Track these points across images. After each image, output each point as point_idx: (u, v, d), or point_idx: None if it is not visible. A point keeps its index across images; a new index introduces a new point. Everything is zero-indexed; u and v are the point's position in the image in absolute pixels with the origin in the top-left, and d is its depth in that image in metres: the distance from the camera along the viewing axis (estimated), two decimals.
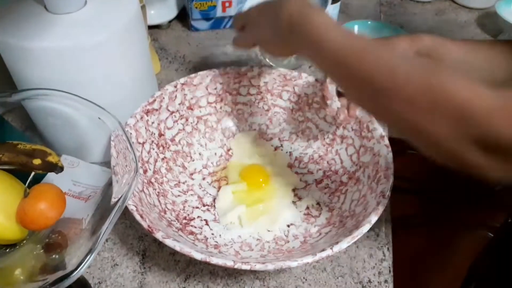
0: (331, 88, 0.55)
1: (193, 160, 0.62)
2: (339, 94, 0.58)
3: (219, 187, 0.60)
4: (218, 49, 0.91)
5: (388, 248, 0.56)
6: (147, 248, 0.55)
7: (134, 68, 0.63)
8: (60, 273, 0.39)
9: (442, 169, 0.81)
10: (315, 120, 0.64)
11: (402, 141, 0.75)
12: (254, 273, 0.53)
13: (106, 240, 0.57)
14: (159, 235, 0.44)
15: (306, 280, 0.53)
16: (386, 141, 0.55)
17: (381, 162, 0.53)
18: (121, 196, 0.46)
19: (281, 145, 0.66)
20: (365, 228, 0.46)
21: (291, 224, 0.56)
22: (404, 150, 0.79)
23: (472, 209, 0.86)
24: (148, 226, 0.45)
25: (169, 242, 0.44)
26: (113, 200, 0.47)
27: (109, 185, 0.55)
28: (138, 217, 0.46)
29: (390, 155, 0.53)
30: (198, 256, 0.42)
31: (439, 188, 0.85)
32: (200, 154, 0.63)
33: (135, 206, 0.47)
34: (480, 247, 0.94)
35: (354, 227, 0.48)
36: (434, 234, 0.96)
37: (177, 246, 0.43)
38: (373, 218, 0.47)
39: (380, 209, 0.48)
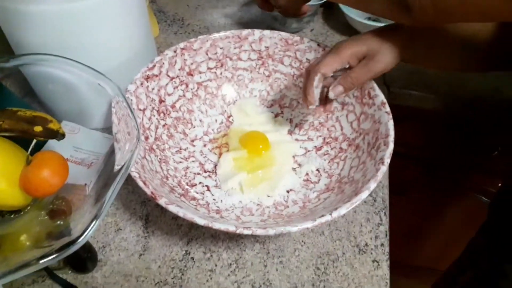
0: (316, 92, 0.54)
1: (194, 127, 0.62)
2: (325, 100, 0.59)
3: (220, 154, 0.61)
4: (218, 11, 0.89)
5: (385, 213, 0.58)
6: (150, 213, 0.57)
7: (133, 32, 0.62)
8: (66, 239, 0.41)
9: (440, 136, 0.82)
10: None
11: (402, 108, 0.75)
12: (254, 237, 0.55)
13: (110, 206, 0.58)
14: (162, 202, 0.45)
15: (304, 243, 0.55)
16: (387, 108, 0.55)
17: (381, 129, 0.54)
18: (124, 164, 0.46)
19: (282, 112, 0.66)
20: (364, 194, 0.47)
21: (291, 190, 0.57)
22: (404, 117, 0.79)
23: (468, 175, 0.88)
24: (151, 192, 0.45)
25: (172, 208, 0.44)
26: (116, 167, 0.47)
27: (111, 152, 0.56)
28: (141, 184, 0.46)
29: (391, 122, 0.53)
30: (201, 221, 0.43)
31: (437, 154, 0.85)
32: (200, 120, 0.63)
33: (138, 173, 0.47)
34: (475, 212, 0.96)
35: (353, 193, 0.48)
36: (430, 200, 0.97)
37: (180, 212, 0.44)
38: (372, 185, 0.48)
39: (379, 176, 0.48)
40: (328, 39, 0.82)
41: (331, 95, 0.53)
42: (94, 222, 0.42)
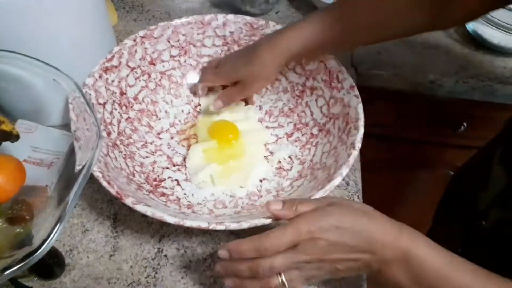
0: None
1: (159, 119, 0.60)
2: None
3: (189, 146, 0.58)
4: None
5: (358, 196, 0.58)
6: (118, 212, 0.54)
7: (88, 21, 0.58)
8: (28, 249, 0.38)
9: (408, 115, 0.82)
10: (284, 72, 0.62)
11: (370, 89, 0.75)
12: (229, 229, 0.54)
13: (74, 206, 0.55)
14: (128, 201, 0.43)
15: None
16: (356, 92, 0.54)
17: (351, 113, 0.53)
18: (85, 163, 0.44)
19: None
20: (337, 181, 0.46)
21: (264, 179, 0.56)
22: (372, 97, 0.79)
23: (437, 151, 0.89)
24: (117, 192, 0.43)
25: (139, 207, 0.42)
26: (78, 167, 0.45)
27: (72, 150, 0.53)
28: (105, 184, 0.44)
29: (360, 105, 0.53)
30: (171, 220, 0.42)
31: (406, 132, 0.87)
32: (166, 112, 0.61)
33: (101, 172, 0.45)
34: (442, 185, 0.98)
35: (326, 180, 0.48)
36: (401, 176, 0.99)
37: (149, 211, 0.42)
38: (344, 171, 0.47)
39: (351, 161, 0.48)
40: (294, 21, 0.80)
41: (211, 108, 0.60)
42: (58, 226, 0.39)
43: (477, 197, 0.52)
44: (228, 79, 0.60)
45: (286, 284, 0.39)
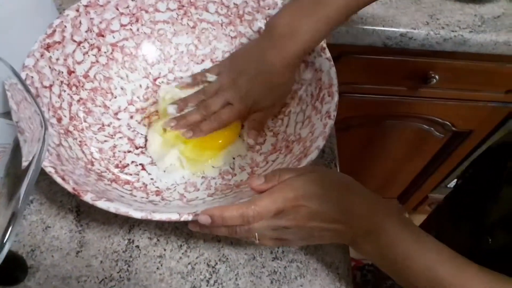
0: None
1: (115, 97, 0.54)
2: None
3: (151, 125, 0.54)
4: None
5: (335, 163, 0.55)
6: (81, 203, 0.50)
7: None
8: None
9: (379, 70, 0.80)
10: (249, 35, 0.57)
11: (339, 46, 0.71)
12: None
13: (31, 201, 0.50)
14: (88, 198, 0.39)
15: None
16: (328, 54, 0.50)
17: (323, 79, 0.49)
18: (33, 158, 0.39)
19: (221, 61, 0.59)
20: (314, 154, 0.44)
21: (237, 156, 0.52)
22: (341, 55, 0.75)
23: (409, 104, 0.88)
24: (73, 188, 0.39)
25: (101, 204, 0.38)
26: (25, 163, 0.40)
27: (18, 142, 0.47)
28: (59, 180, 0.39)
29: (333, 69, 0.49)
30: (137, 214, 0.38)
31: (377, 88, 0.84)
32: (122, 88, 0.55)
33: (54, 167, 0.40)
34: (417, 139, 0.98)
35: (302, 154, 0.45)
36: (373, 131, 0.98)
37: (111, 207, 0.38)
38: (321, 143, 0.44)
39: (327, 131, 0.45)
40: None
41: (251, 142, 0.52)
42: (10, 228, 0.35)
43: (486, 209, 0.51)
44: (247, 112, 0.53)
45: (257, 241, 0.39)
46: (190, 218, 0.38)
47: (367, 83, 0.83)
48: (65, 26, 0.49)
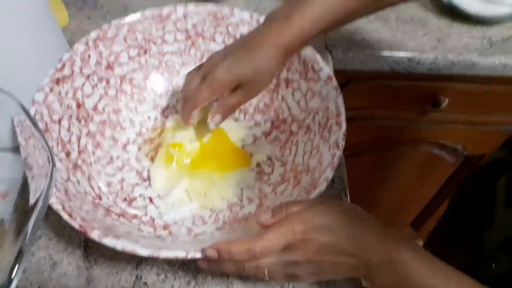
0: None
1: (123, 129, 0.54)
2: None
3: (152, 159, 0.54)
4: None
5: (345, 193, 0.54)
6: (89, 238, 0.49)
7: (28, 27, 0.51)
8: None
9: (387, 95, 0.79)
10: None
11: (347, 72, 0.71)
12: None
13: (39, 237, 0.50)
14: (94, 235, 0.38)
15: None
16: (335, 83, 0.50)
17: (331, 107, 0.49)
18: (40, 194, 0.39)
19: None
20: (322, 186, 0.43)
21: (245, 186, 0.51)
22: (350, 80, 0.75)
23: (419, 129, 0.87)
24: (80, 226, 0.39)
25: (108, 241, 0.38)
26: (32, 200, 0.40)
27: (26, 178, 0.47)
28: (66, 217, 0.39)
29: (340, 98, 0.49)
30: (144, 252, 0.38)
31: (386, 113, 0.84)
32: (131, 120, 0.55)
33: (61, 204, 0.40)
34: (428, 164, 0.97)
35: (311, 185, 0.44)
36: (384, 157, 0.97)
37: (118, 245, 0.38)
38: (330, 174, 0.44)
39: (336, 162, 0.44)
40: (261, 4, 0.74)
41: (211, 126, 0.49)
42: (17, 266, 0.35)
43: (482, 234, 0.49)
44: (226, 86, 0.47)
45: (266, 278, 0.38)
46: (197, 255, 0.38)
47: (375, 108, 0.83)
48: (75, 60, 0.50)
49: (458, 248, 0.55)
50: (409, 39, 0.70)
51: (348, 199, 0.54)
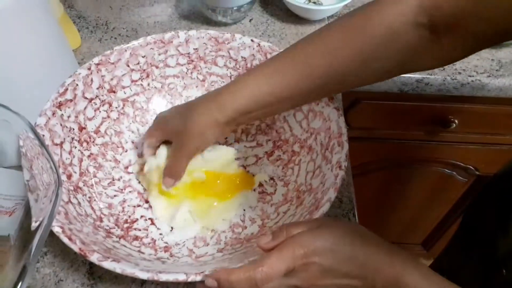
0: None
1: (125, 151, 0.54)
2: None
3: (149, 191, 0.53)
4: (145, 10, 0.79)
5: (353, 214, 0.53)
6: None
7: (41, 49, 0.52)
8: None
9: (396, 114, 0.79)
10: None
11: (355, 93, 0.71)
12: None
13: (45, 254, 0.50)
14: (94, 258, 0.38)
15: None
16: (336, 103, 0.50)
17: (332, 128, 0.49)
18: (45, 213, 0.39)
19: None
20: (326, 207, 0.42)
21: (248, 207, 0.51)
22: (358, 102, 0.74)
23: (428, 149, 0.86)
24: (80, 249, 0.38)
25: (107, 264, 0.38)
26: (34, 224, 0.40)
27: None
28: (66, 241, 0.39)
29: (342, 119, 0.48)
30: (143, 275, 0.37)
31: (395, 133, 0.83)
32: (133, 142, 0.55)
33: (61, 227, 0.40)
34: (438, 184, 0.95)
35: (314, 206, 0.44)
36: (392, 177, 0.95)
37: (117, 268, 0.37)
38: (332, 195, 0.43)
39: (339, 183, 0.44)
40: (269, 28, 0.75)
41: (164, 188, 0.50)
42: (21, 282, 0.35)
43: (496, 241, 0.48)
44: (163, 133, 0.51)
45: None
46: (197, 278, 0.37)
47: (384, 128, 0.82)
48: (77, 84, 0.51)
49: (472, 255, 0.53)
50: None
51: (357, 219, 0.53)
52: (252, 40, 0.55)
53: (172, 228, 0.49)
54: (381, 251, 0.36)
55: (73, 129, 0.50)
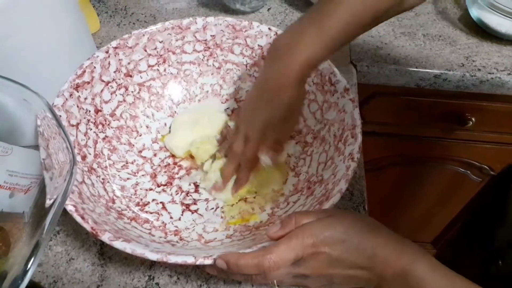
0: None
1: (140, 135, 0.55)
2: None
3: (174, 163, 0.54)
4: None
5: (364, 207, 0.53)
6: None
7: (62, 32, 0.53)
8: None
9: (412, 111, 0.78)
10: None
11: (372, 86, 0.70)
12: None
13: (58, 232, 0.51)
14: (105, 238, 0.38)
15: None
16: (351, 95, 0.49)
17: (347, 120, 0.48)
18: (59, 191, 0.40)
19: (239, 107, 0.59)
20: (336, 198, 0.42)
21: (257, 194, 0.51)
22: (374, 95, 0.74)
23: (443, 147, 0.84)
24: (92, 228, 0.39)
25: (118, 244, 0.38)
26: (48, 202, 0.40)
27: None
28: (79, 220, 0.40)
29: (357, 110, 0.48)
30: (153, 256, 0.38)
31: (410, 129, 0.82)
32: (147, 127, 0.56)
33: (74, 206, 0.40)
34: (452, 182, 0.94)
35: (324, 196, 0.44)
36: (405, 173, 0.94)
37: (128, 248, 0.38)
38: (343, 186, 0.43)
39: (350, 174, 0.43)
40: (287, 18, 0.75)
41: (268, 161, 0.49)
42: (34, 257, 0.35)
43: (494, 233, 0.48)
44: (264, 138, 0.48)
45: (276, 286, 0.38)
46: (205, 261, 0.37)
47: (399, 123, 0.81)
48: (95, 67, 0.51)
49: (473, 248, 0.53)
50: (436, 56, 0.69)
51: (367, 213, 0.53)
52: (269, 29, 0.55)
53: (182, 212, 0.50)
54: (390, 242, 0.36)
55: (89, 111, 0.51)
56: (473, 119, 0.75)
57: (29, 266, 0.34)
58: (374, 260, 0.35)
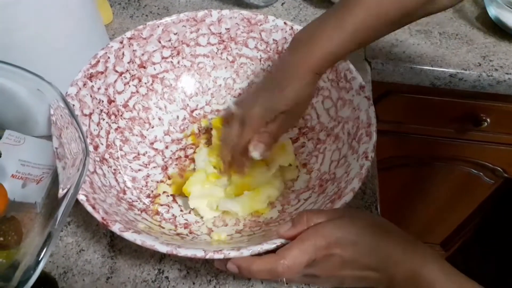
0: None
1: (152, 127, 0.55)
2: None
3: (186, 156, 0.54)
4: None
5: (376, 207, 0.52)
6: None
7: (75, 22, 0.53)
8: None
9: (426, 110, 0.77)
10: None
11: (386, 84, 0.69)
12: None
13: (68, 223, 0.51)
14: (115, 228, 0.38)
15: None
16: (367, 92, 0.49)
17: (361, 117, 0.48)
18: (72, 182, 0.39)
19: (243, 92, 0.59)
20: (348, 197, 0.41)
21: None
22: (388, 92, 0.73)
23: (456, 147, 0.84)
24: (102, 218, 0.39)
25: (128, 235, 0.38)
26: (61, 192, 0.40)
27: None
28: (89, 209, 0.40)
29: (372, 108, 0.47)
30: (163, 249, 0.37)
31: (423, 128, 0.81)
32: (160, 119, 0.56)
33: (86, 195, 0.40)
34: (464, 183, 0.93)
35: (336, 195, 0.43)
36: (417, 173, 0.93)
37: (138, 240, 0.38)
38: (356, 185, 0.42)
39: (364, 173, 0.43)
40: (301, 13, 0.74)
41: (256, 155, 0.46)
42: (46, 247, 0.36)
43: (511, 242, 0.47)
44: (265, 123, 0.46)
45: (285, 284, 0.39)
46: (215, 256, 0.37)
47: (413, 122, 0.80)
48: (109, 57, 0.51)
49: (489, 256, 0.52)
50: (452, 55, 0.68)
51: (379, 212, 0.52)
52: (285, 23, 0.54)
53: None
54: (401, 244, 0.36)
55: (103, 101, 0.50)
56: (488, 120, 0.74)
57: (41, 256, 0.34)
58: (385, 262, 0.35)
